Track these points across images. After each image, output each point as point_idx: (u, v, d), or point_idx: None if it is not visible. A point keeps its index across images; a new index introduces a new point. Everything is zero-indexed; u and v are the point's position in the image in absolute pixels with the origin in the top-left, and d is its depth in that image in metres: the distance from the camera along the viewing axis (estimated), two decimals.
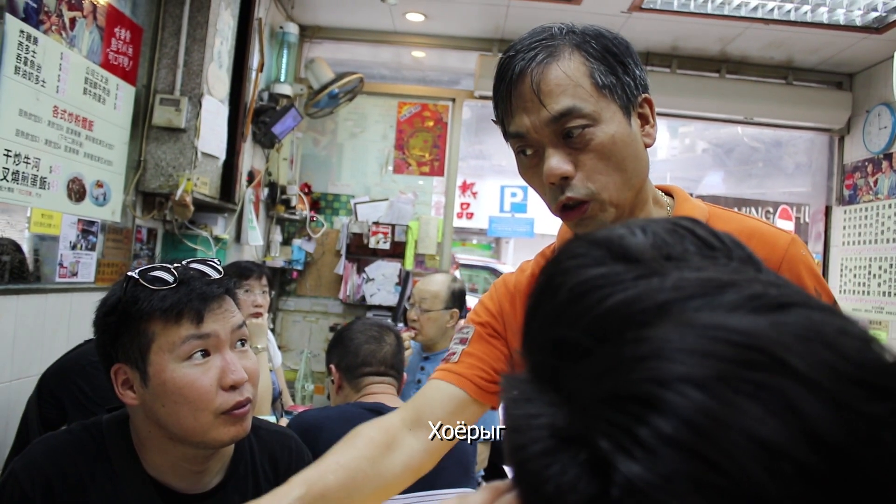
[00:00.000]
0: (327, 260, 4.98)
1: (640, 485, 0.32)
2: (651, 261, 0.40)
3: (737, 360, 0.33)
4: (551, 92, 1.08)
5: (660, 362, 0.34)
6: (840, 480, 0.31)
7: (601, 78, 1.09)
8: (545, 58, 1.09)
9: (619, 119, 1.10)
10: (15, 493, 1.21)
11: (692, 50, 4.85)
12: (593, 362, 0.37)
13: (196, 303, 1.22)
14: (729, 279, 0.38)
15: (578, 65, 1.09)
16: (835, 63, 4.83)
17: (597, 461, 0.34)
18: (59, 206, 2.56)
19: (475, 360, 1.29)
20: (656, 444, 0.32)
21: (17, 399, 2.36)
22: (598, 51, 1.10)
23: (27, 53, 2.30)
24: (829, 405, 0.32)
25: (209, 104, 3.24)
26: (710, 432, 0.32)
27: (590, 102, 1.08)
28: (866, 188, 4.79)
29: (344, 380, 2.14)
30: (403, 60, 5.25)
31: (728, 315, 0.35)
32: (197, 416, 1.20)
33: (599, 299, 0.39)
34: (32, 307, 2.49)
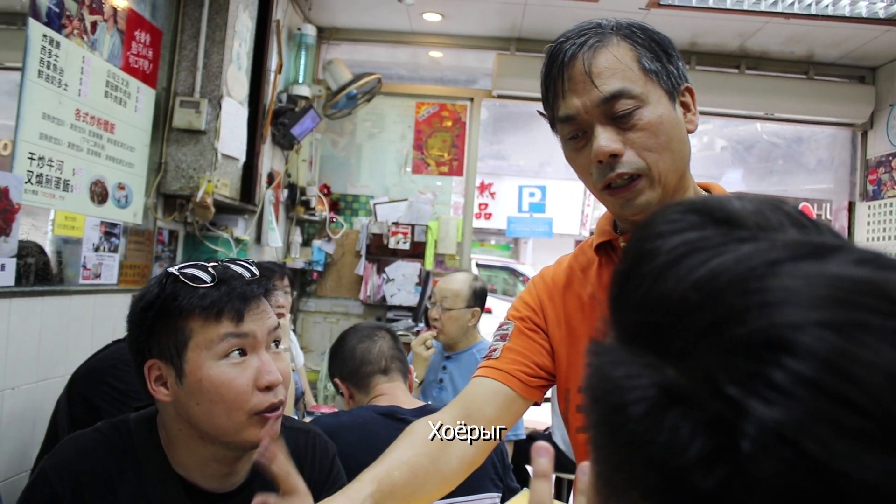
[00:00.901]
0: (347, 261, 4.99)
1: (778, 429, 0.31)
2: (753, 226, 0.40)
3: (867, 306, 0.33)
4: (602, 74, 1.12)
5: (790, 307, 0.33)
6: None
7: (648, 63, 1.13)
8: (595, 42, 1.14)
9: (665, 102, 1.14)
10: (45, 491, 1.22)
11: (711, 46, 4.82)
12: (708, 315, 0.36)
13: (236, 302, 1.23)
14: (833, 244, 0.37)
15: (627, 50, 1.13)
16: (857, 57, 4.78)
17: (714, 416, 0.33)
18: (82, 208, 2.58)
19: (517, 355, 1.31)
20: (793, 387, 0.31)
21: (43, 399, 2.38)
22: (645, 40, 1.15)
23: (50, 57, 2.32)
24: None
25: (229, 106, 3.25)
26: (849, 373, 0.31)
27: (638, 84, 1.12)
28: (890, 183, 4.73)
29: (352, 388, 2.13)
30: (421, 60, 5.26)
31: (847, 267, 0.35)
32: (231, 416, 1.21)
33: (705, 259, 0.38)
34: (57, 309, 2.51)
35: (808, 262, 0.36)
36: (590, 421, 0.42)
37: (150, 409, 1.35)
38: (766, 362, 0.32)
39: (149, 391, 1.26)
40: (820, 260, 0.36)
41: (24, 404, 2.38)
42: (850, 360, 0.31)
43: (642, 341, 0.39)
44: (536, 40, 4.92)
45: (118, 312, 2.86)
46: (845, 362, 0.31)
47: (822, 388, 0.31)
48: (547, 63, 1.19)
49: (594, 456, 0.42)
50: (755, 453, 0.31)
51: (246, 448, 1.26)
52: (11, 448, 2.34)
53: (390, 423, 1.92)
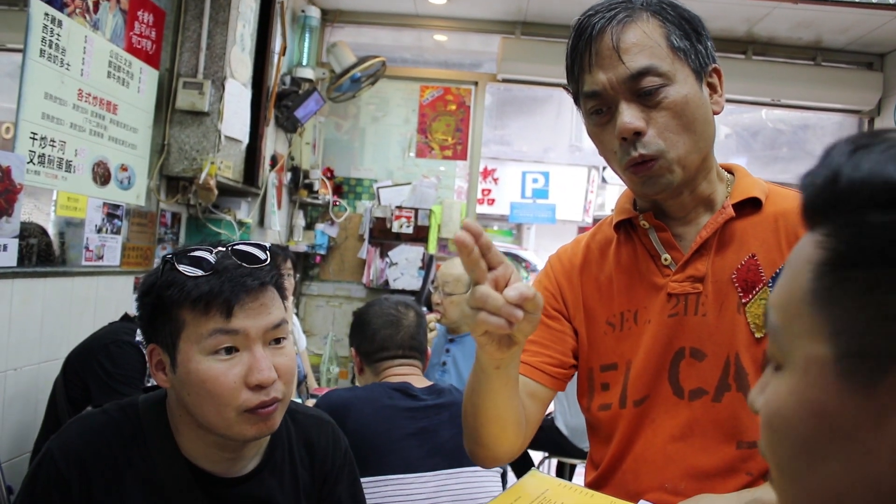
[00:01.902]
0: (350, 244, 4.98)
1: None
2: None
3: None
4: (630, 49, 1.11)
5: None
6: None
7: (677, 41, 1.12)
8: (624, 17, 1.12)
9: (691, 82, 1.13)
10: (51, 472, 1.20)
11: (718, 31, 4.77)
12: None
13: (227, 295, 1.16)
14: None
15: (656, 27, 1.12)
16: (865, 43, 4.74)
17: None
18: (85, 189, 2.57)
19: (540, 347, 1.30)
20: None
21: (45, 381, 2.38)
22: (675, 17, 1.14)
23: (52, 36, 2.31)
24: None
25: (232, 87, 3.23)
26: None
27: (666, 62, 1.11)
28: None
29: (364, 364, 2.14)
30: (425, 44, 5.22)
31: None
32: (219, 411, 1.17)
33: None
34: (59, 290, 2.51)
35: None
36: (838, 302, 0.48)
37: (160, 391, 1.33)
38: None
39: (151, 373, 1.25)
40: None
41: (26, 385, 2.38)
42: None
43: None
44: (542, 24, 4.88)
45: (120, 294, 2.88)
46: None
47: None
48: (574, 36, 1.18)
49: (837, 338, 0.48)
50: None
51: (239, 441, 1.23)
52: (14, 429, 2.34)
53: (402, 397, 1.96)
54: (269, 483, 1.33)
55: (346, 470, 1.48)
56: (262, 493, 1.31)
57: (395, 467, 1.85)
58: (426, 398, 1.99)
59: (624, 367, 1.24)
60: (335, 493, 1.44)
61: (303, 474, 1.39)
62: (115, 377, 2.23)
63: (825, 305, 0.49)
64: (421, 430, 1.92)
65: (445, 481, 1.88)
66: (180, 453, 1.26)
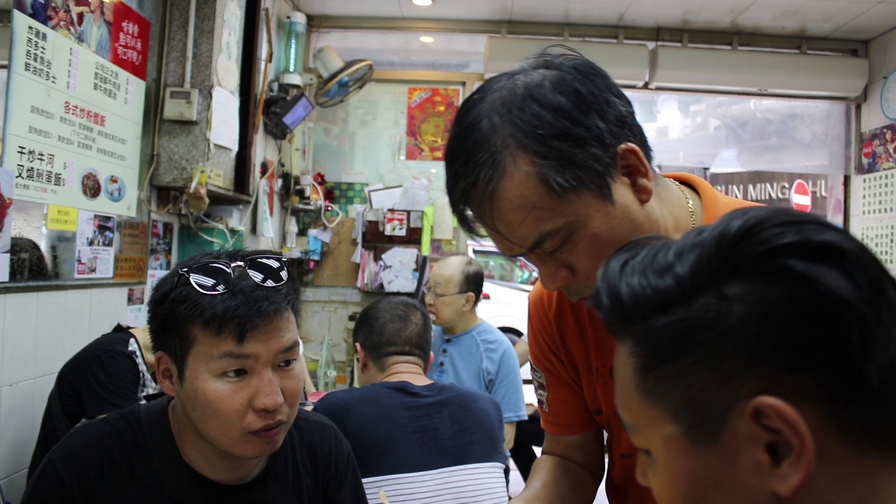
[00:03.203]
0: (344, 249, 4.98)
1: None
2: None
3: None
4: (510, 224, 0.95)
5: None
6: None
7: (558, 179, 0.91)
8: (488, 181, 0.93)
9: (595, 209, 0.94)
10: (53, 482, 1.19)
11: (703, 23, 4.79)
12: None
13: (241, 318, 1.13)
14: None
15: (527, 176, 0.91)
16: (849, 30, 4.76)
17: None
18: (75, 202, 2.57)
19: (562, 405, 1.33)
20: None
21: (41, 395, 2.37)
22: (542, 136, 0.91)
23: (36, 49, 2.30)
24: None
25: (220, 95, 3.23)
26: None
27: (558, 216, 0.93)
28: (885, 155, 4.73)
29: (369, 359, 2.13)
30: (412, 46, 5.23)
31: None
32: (223, 431, 1.16)
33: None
34: (52, 304, 2.50)
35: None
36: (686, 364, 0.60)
37: (161, 399, 1.32)
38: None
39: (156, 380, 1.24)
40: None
41: (22, 401, 2.37)
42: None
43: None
44: (527, 22, 4.89)
45: (115, 306, 2.87)
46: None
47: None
48: (447, 193, 1.02)
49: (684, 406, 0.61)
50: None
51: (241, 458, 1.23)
52: (11, 445, 2.33)
53: (402, 396, 1.96)
54: (273, 490, 1.33)
55: (350, 475, 1.48)
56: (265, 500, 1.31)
57: (397, 466, 1.84)
58: (426, 395, 1.99)
59: (605, 417, 1.25)
60: (338, 498, 1.44)
61: (306, 480, 1.39)
62: (108, 388, 2.22)
63: (657, 399, 0.62)
64: (421, 428, 1.91)
65: (447, 479, 1.88)
66: (183, 461, 1.25)
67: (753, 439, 0.57)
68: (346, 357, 4.86)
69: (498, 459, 2.05)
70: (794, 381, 0.56)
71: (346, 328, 4.89)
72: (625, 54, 4.81)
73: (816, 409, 0.56)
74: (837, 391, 0.56)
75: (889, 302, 0.57)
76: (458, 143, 0.98)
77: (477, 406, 2.06)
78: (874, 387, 0.55)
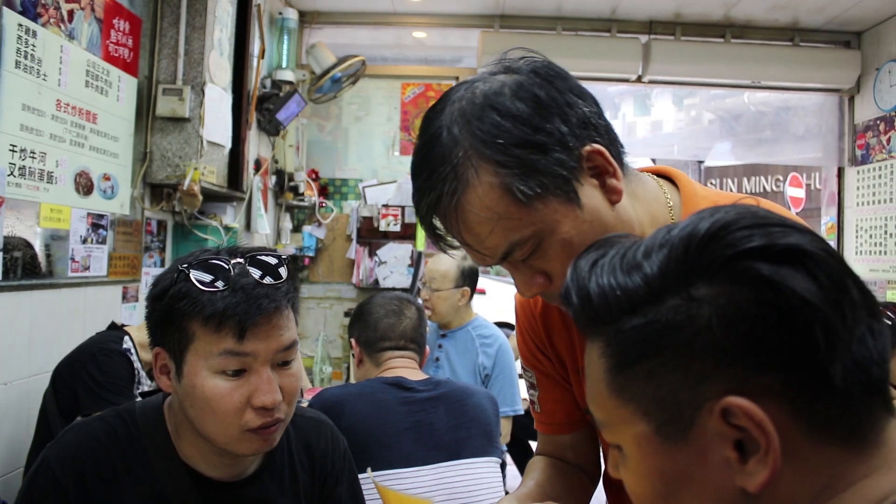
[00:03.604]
0: (338, 245, 4.97)
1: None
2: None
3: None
4: (479, 235, 0.94)
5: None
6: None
7: (522, 188, 0.90)
8: (452, 194, 0.92)
9: (563, 213, 0.93)
10: (48, 480, 1.19)
11: (695, 16, 4.79)
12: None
13: (241, 316, 1.12)
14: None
15: (490, 187, 0.91)
16: (841, 22, 4.76)
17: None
18: (68, 200, 2.56)
19: (553, 404, 1.32)
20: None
21: (36, 394, 2.36)
22: (503, 145, 0.90)
23: (27, 47, 2.29)
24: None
25: (212, 92, 3.22)
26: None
27: (525, 225, 0.92)
28: (879, 147, 4.73)
29: (364, 354, 2.13)
30: (405, 41, 5.21)
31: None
32: (221, 428, 1.16)
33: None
34: (46, 303, 2.49)
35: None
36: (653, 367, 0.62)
37: (156, 396, 1.32)
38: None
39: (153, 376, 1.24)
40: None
41: (17, 400, 2.36)
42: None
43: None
44: (520, 17, 4.88)
45: (109, 304, 2.87)
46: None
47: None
48: (415, 207, 1.01)
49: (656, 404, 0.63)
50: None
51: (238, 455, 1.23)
52: (6, 444, 2.32)
53: (397, 390, 1.96)
54: (269, 486, 1.33)
55: (346, 471, 1.48)
56: (262, 496, 1.31)
57: (393, 462, 1.84)
58: (422, 390, 1.98)
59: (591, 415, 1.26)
60: (335, 494, 1.44)
61: (303, 476, 1.39)
62: (103, 385, 2.22)
63: (628, 398, 0.64)
64: (417, 423, 1.91)
65: (443, 474, 1.88)
66: (179, 458, 1.25)
67: (722, 437, 0.59)
68: (342, 353, 4.85)
69: (494, 454, 2.06)
70: (762, 380, 0.58)
71: (342, 324, 4.88)
72: (618, 48, 4.80)
73: (783, 406, 0.58)
74: (803, 389, 0.58)
75: (852, 302, 0.59)
76: (420, 157, 0.97)
77: (473, 401, 2.06)
78: (838, 384, 0.57)
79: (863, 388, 0.58)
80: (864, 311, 0.60)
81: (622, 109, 9.56)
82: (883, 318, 0.61)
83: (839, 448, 0.59)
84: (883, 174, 4.67)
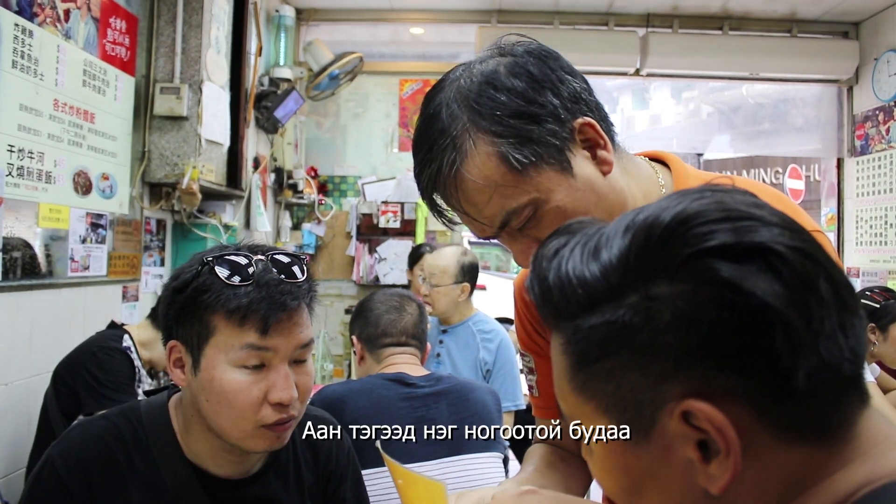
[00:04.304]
0: (338, 242, 4.97)
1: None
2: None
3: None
4: (478, 204, 0.99)
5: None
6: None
7: (517, 156, 0.95)
8: (451, 164, 0.97)
9: (557, 182, 0.97)
10: (52, 479, 1.19)
11: (693, 8, 4.78)
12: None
13: (265, 311, 1.14)
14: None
15: (487, 156, 0.96)
16: (839, 12, 4.75)
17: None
18: (67, 200, 2.55)
19: (551, 387, 1.32)
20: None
21: (37, 395, 2.36)
22: (499, 116, 0.96)
23: (23, 47, 2.28)
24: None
25: (210, 90, 3.21)
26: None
27: (521, 193, 0.97)
28: (878, 137, 4.73)
29: (365, 351, 2.13)
30: (402, 37, 5.21)
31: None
32: (236, 423, 1.17)
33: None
34: (46, 303, 2.49)
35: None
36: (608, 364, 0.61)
37: (161, 395, 1.32)
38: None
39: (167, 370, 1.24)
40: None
41: (18, 400, 2.36)
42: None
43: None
44: (517, 11, 4.87)
45: (109, 304, 2.86)
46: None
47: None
48: (416, 182, 1.05)
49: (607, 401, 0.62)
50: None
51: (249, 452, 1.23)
52: (7, 445, 2.32)
53: (398, 386, 1.96)
54: (274, 484, 1.33)
55: (350, 469, 1.48)
56: (267, 494, 1.31)
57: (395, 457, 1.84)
58: (424, 386, 1.98)
59: None
60: (340, 492, 1.44)
61: (307, 475, 1.39)
62: (104, 384, 2.22)
63: (589, 395, 0.63)
64: (419, 418, 1.91)
65: (446, 469, 1.88)
66: (184, 456, 1.25)
67: (684, 438, 0.58)
68: (344, 351, 4.85)
69: (496, 449, 2.05)
70: (723, 382, 0.56)
71: (343, 321, 4.88)
72: (615, 41, 4.79)
73: (745, 408, 0.56)
74: (766, 392, 0.56)
75: (821, 301, 0.56)
76: (421, 133, 1.02)
77: (475, 396, 2.06)
78: (802, 388, 0.55)
79: (832, 386, 0.57)
80: (835, 309, 0.57)
81: (620, 104, 9.55)
82: (859, 311, 0.59)
83: (807, 446, 0.58)
84: (882, 164, 4.67)
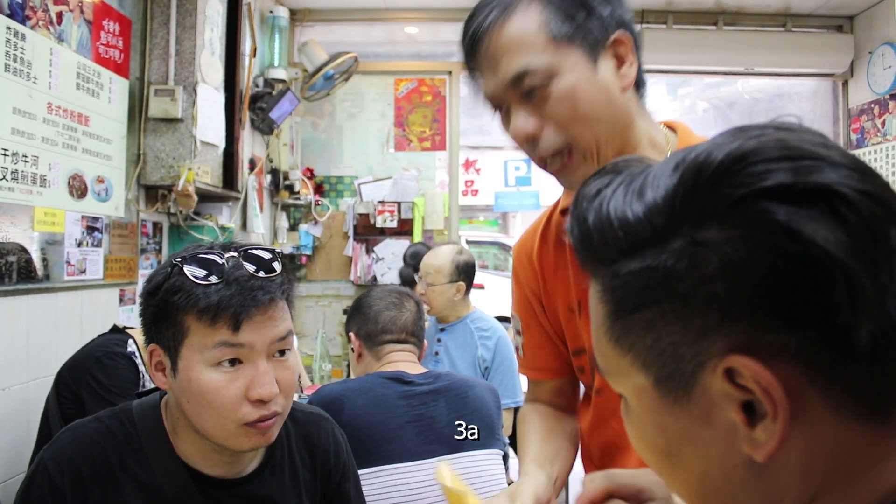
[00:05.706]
0: (335, 243, 4.96)
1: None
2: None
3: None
4: (505, 53, 1.06)
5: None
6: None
7: (557, 27, 1.04)
8: (498, 16, 1.06)
9: (581, 66, 1.05)
10: (45, 482, 1.19)
11: (687, 4, 4.78)
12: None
13: (236, 308, 1.13)
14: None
15: (533, 17, 1.05)
16: (834, 6, 4.75)
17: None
18: (62, 203, 2.54)
19: (535, 348, 1.37)
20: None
21: (35, 400, 2.35)
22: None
23: (15, 50, 2.27)
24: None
25: (204, 92, 3.20)
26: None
27: (544, 56, 1.04)
28: (874, 130, 4.73)
29: (364, 348, 2.12)
30: (396, 37, 5.20)
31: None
32: (218, 423, 1.16)
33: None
34: (43, 307, 2.48)
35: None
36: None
37: (153, 396, 1.32)
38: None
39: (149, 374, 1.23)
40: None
41: (16, 405, 2.35)
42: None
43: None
44: None
45: (106, 307, 2.86)
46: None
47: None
48: (461, 39, 1.14)
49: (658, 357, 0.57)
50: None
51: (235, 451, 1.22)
52: (7, 450, 2.31)
53: (397, 385, 1.96)
54: (270, 483, 1.32)
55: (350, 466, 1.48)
56: (262, 494, 1.30)
57: (395, 456, 1.84)
58: (422, 384, 1.98)
59: (589, 352, 1.26)
60: (343, 489, 1.44)
61: (304, 473, 1.38)
62: (110, 389, 2.20)
63: (626, 348, 0.58)
64: (418, 416, 1.91)
65: None
66: (177, 457, 1.24)
67: (727, 398, 0.53)
68: (342, 351, 4.85)
69: (496, 446, 2.05)
70: (774, 338, 0.51)
71: (341, 322, 4.88)
72: None
73: (797, 368, 0.51)
74: (823, 352, 0.50)
75: (891, 254, 0.50)
76: (483, 2, 1.11)
77: (474, 393, 2.06)
78: (864, 350, 0.49)
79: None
80: None
81: None
82: None
83: (860, 422, 0.52)
84: (878, 157, 4.67)
